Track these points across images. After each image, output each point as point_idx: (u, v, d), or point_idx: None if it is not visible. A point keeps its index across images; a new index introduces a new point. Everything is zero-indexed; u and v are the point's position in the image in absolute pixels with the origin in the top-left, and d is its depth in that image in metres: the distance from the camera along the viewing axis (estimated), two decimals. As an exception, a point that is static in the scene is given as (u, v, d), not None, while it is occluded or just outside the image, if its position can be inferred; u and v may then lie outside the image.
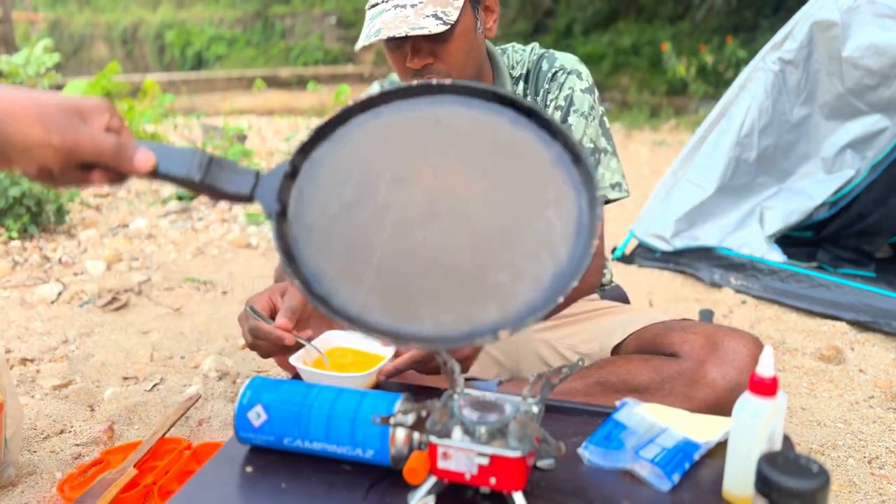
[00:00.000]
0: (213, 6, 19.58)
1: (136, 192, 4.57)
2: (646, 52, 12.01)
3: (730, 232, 2.92)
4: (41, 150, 0.64)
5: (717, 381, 1.14)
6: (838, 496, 1.50)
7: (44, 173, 0.67)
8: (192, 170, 0.75)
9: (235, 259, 3.35)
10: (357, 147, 0.82)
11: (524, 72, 1.38)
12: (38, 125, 0.63)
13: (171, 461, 1.50)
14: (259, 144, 6.25)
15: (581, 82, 1.37)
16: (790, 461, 0.73)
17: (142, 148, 0.71)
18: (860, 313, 2.44)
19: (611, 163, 1.35)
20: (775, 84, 2.75)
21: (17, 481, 1.52)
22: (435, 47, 1.24)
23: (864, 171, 2.72)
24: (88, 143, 0.65)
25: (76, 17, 19.82)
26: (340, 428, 0.90)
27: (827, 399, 1.95)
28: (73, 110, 0.66)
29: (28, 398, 1.91)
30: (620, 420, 0.97)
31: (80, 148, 0.65)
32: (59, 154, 0.64)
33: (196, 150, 0.78)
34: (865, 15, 2.47)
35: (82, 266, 3.12)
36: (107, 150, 0.66)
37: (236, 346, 2.31)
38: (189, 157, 0.77)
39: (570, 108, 1.34)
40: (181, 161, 0.76)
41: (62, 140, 0.64)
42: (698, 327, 1.25)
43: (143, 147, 0.72)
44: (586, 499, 0.85)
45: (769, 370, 0.81)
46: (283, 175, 0.79)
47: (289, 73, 14.98)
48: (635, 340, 1.32)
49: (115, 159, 0.67)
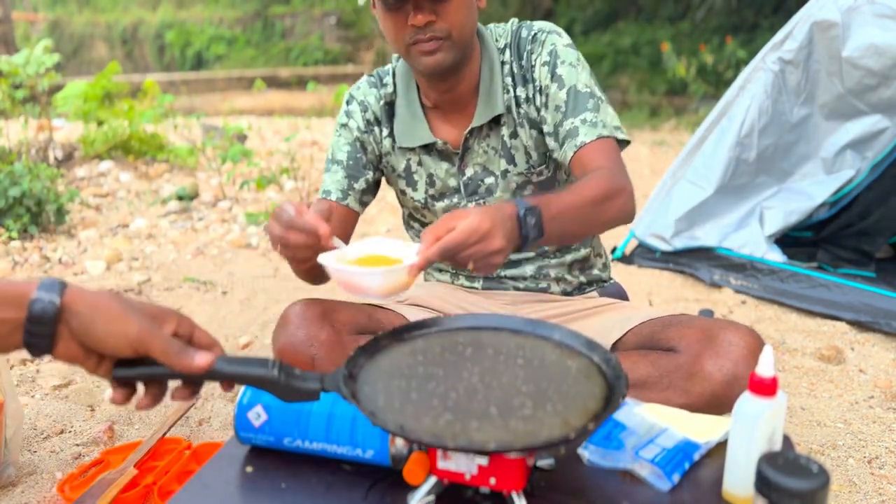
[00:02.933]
0: (213, 6, 19.58)
1: (136, 192, 4.58)
2: (646, 52, 12.02)
3: (730, 232, 2.92)
4: (117, 339, 0.75)
5: (714, 374, 1.15)
6: (838, 496, 1.50)
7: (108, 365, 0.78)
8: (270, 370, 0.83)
9: (235, 259, 3.35)
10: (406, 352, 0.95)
11: (507, 42, 1.41)
12: (121, 318, 0.75)
13: (171, 461, 1.50)
14: (259, 144, 6.25)
15: (562, 39, 1.40)
16: (790, 461, 0.73)
17: (202, 351, 0.80)
18: (860, 313, 2.44)
19: (608, 109, 1.36)
20: (775, 84, 2.75)
21: (17, 481, 1.52)
22: (436, 6, 1.26)
23: (864, 171, 2.72)
24: (158, 340, 0.76)
25: (76, 17, 19.83)
26: (340, 428, 0.90)
27: (827, 399, 1.95)
28: (149, 314, 0.78)
29: (28, 398, 1.91)
30: (620, 420, 0.97)
31: (150, 342, 0.76)
32: (132, 344, 0.75)
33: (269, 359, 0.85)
34: (865, 15, 2.47)
35: (82, 266, 3.12)
36: (172, 348, 0.77)
37: (237, 345, 2.31)
38: (265, 361, 0.84)
39: (557, 60, 1.36)
40: (259, 364, 0.83)
41: (138, 333, 0.75)
42: (695, 322, 1.25)
43: (204, 352, 0.80)
44: (586, 499, 0.85)
45: (769, 370, 0.81)
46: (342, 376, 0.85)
47: (289, 74, 14.98)
48: (634, 336, 1.32)
49: (177, 356, 0.77)
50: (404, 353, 0.95)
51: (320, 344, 1.23)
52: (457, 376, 0.88)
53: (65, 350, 0.75)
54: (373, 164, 1.48)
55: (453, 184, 1.45)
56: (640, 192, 4.15)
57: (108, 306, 0.75)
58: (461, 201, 1.45)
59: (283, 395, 0.82)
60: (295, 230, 1.04)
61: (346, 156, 1.46)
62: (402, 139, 1.44)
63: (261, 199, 4.43)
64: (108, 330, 0.74)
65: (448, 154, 1.43)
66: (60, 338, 0.75)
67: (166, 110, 5.31)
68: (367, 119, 1.46)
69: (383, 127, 1.47)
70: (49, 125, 4.96)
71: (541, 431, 0.77)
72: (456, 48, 1.30)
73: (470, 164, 1.43)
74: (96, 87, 5.27)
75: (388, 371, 0.90)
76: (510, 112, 1.39)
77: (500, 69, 1.39)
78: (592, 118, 1.31)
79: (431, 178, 1.46)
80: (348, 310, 1.32)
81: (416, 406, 0.81)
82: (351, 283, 1.00)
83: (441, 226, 1.00)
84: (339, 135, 1.48)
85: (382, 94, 1.46)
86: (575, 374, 0.89)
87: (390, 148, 1.47)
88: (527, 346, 0.96)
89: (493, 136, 1.41)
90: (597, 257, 1.57)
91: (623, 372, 0.85)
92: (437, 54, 1.29)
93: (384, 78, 1.48)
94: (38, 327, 0.73)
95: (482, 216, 0.99)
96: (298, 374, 0.83)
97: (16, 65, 4.54)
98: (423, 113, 1.43)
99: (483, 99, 1.39)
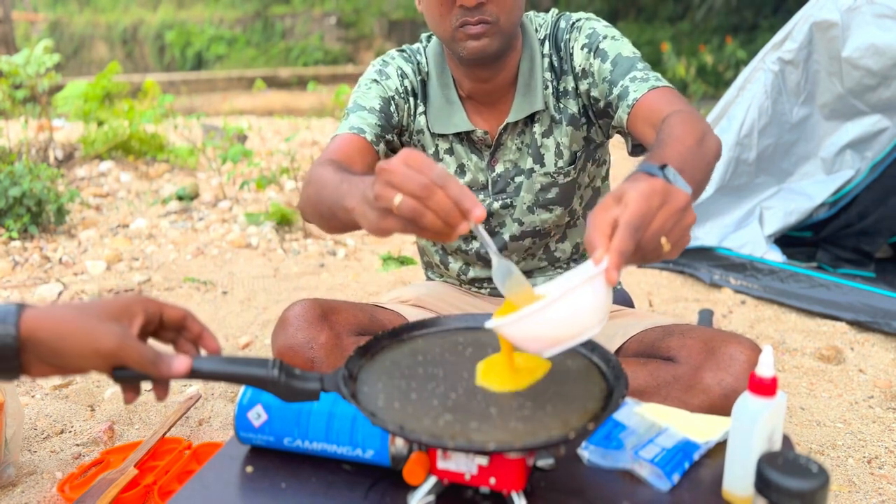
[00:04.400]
0: (213, 6, 19.58)
1: (136, 192, 4.57)
2: (645, 52, 11.86)
3: (729, 232, 2.92)
4: (90, 358, 0.73)
5: (713, 388, 1.12)
6: (838, 496, 1.50)
7: (98, 371, 0.77)
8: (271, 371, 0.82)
9: (235, 259, 3.35)
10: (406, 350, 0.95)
11: (547, 33, 1.36)
12: (86, 336, 0.72)
13: (171, 461, 1.50)
14: (259, 144, 6.25)
15: (600, 22, 1.34)
16: (790, 461, 0.73)
17: (180, 357, 0.78)
18: (860, 313, 2.44)
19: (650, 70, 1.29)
20: (775, 84, 2.75)
21: (17, 481, 1.52)
22: None
23: (864, 171, 2.72)
24: (132, 350, 0.74)
25: (76, 17, 19.83)
26: (340, 428, 0.90)
27: (826, 399, 1.95)
28: (115, 315, 0.76)
29: (28, 398, 1.91)
30: (620, 420, 0.97)
31: (124, 354, 0.74)
32: (106, 360, 0.73)
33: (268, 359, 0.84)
34: (865, 15, 2.47)
35: (82, 266, 3.12)
36: (148, 360, 0.75)
37: (237, 345, 2.31)
38: (264, 361, 0.83)
39: (598, 39, 1.30)
40: (259, 364, 0.82)
41: (109, 348, 0.73)
42: (697, 332, 1.23)
43: (181, 357, 0.79)
44: (586, 499, 0.85)
45: (769, 370, 0.81)
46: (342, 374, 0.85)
47: (289, 74, 14.98)
48: (635, 344, 1.31)
49: (154, 369, 0.76)
50: (404, 354, 0.95)
51: (319, 346, 1.22)
52: (457, 376, 0.88)
53: (39, 373, 0.74)
54: (396, 132, 1.37)
55: (482, 179, 1.39)
56: (640, 193, 4.15)
57: (72, 325, 0.72)
58: (486, 199, 1.40)
59: (283, 395, 0.82)
60: (441, 192, 0.74)
61: (379, 106, 1.34)
62: (435, 124, 1.37)
63: (261, 200, 4.43)
64: (78, 351, 0.72)
65: (482, 146, 1.38)
66: (31, 364, 0.72)
67: (166, 110, 5.30)
68: (405, 86, 1.37)
69: (419, 101, 1.39)
70: (49, 125, 4.95)
71: (540, 431, 0.77)
72: (502, 34, 1.25)
73: (500, 161, 1.38)
74: (96, 87, 5.27)
75: (388, 371, 0.90)
76: (547, 109, 1.35)
77: (540, 62, 1.34)
78: (642, 75, 1.24)
79: (462, 169, 1.40)
80: (348, 311, 1.31)
81: (415, 406, 0.82)
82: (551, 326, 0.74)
83: (602, 216, 0.75)
84: (369, 88, 1.36)
85: (419, 69, 1.39)
86: (574, 375, 0.89)
87: (424, 126, 1.39)
88: None
89: (527, 133, 1.36)
90: None
91: (623, 372, 0.85)
92: (484, 39, 1.22)
93: (417, 55, 1.41)
94: (1, 362, 0.70)
95: (643, 183, 0.76)
96: (298, 374, 0.83)
97: (16, 65, 4.54)
98: (459, 99, 1.37)
99: (521, 93, 1.34)
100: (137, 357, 0.74)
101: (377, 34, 17.37)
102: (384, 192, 0.76)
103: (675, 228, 0.77)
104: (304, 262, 3.35)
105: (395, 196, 0.75)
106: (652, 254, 0.77)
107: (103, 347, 0.72)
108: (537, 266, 1.47)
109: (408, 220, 0.75)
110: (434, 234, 0.76)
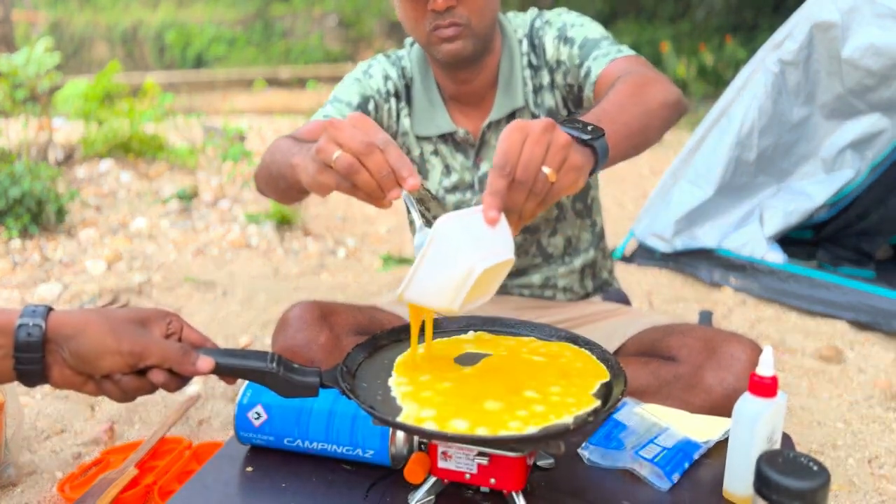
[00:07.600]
0: (213, 6, 19.57)
1: (136, 192, 4.57)
2: (645, 51, 11.91)
3: (730, 232, 2.92)
4: (112, 356, 0.74)
5: (714, 387, 1.13)
6: (838, 496, 1.50)
7: (109, 383, 0.77)
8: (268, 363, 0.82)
9: (235, 259, 3.35)
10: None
11: (525, 33, 1.38)
12: (110, 335, 0.74)
13: (171, 461, 1.50)
14: (259, 145, 6.25)
15: (570, 15, 1.36)
16: (790, 461, 0.73)
17: (203, 356, 0.79)
18: (860, 313, 2.44)
19: (616, 44, 1.30)
20: (775, 84, 2.75)
21: (17, 481, 1.52)
22: None
23: (864, 171, 2.72)
24: (155, 347, 0.75)
25: (76, 17, 19.81)
26: (340, 428, 0.90)
27: (827, 399, 1.95)
28: (137, 320, 0.77)
29: (28, 398, 1.91)
30: (620, 420, 0.97)
31: (146, 352, 0.75)
32: (127, 359, 0.74)
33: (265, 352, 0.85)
34: (865, 15, 2.47)
35: (82, 266, 3.12)
36: (172, 353, 0.76)
37: (237, 346, 2.31)
38: (263, 355, 0.84)
39: (566, 28, 1.32)
40: (257, 357, 0.82)
41: (131, 346, 0.74)
42: (697, 331, 1.24)
43: (205, 354, 0.80)
44: (586, 499, 0.85)
45: (769, 370, 0.81)
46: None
47: (289, 73, 14.97)
48: (635, 344, 1.32)
49: (179, 362, 0.77)
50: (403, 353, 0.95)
51: (319, 347, 1.22)
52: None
53: (60, 376, 0.75)
54: None
55: (468, 178, 1.41)
56: (640, 192, 4.16)
57: (96, 325, 0.74)
58: (474, 198, 1.41)
59: (282, 389, 0.81)
60: (381, 154, 0.77)
61: (357, 102, 1.36)
62: (419, 127, 1.40)
63: (261, 199, 4.43)
64: (100, 348, 0.73)
65: (466, 146, 1.39)
66: (53, 364, 0.74)
67: (166, 110, 5.31)
68: (387, 88, 1.40)
69: (403, 103, 1.41)
70: (49, 125, 4.95)
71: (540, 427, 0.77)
72: (475, 36, 1.26)
73: (485, 159, 1.39)
74: (97, 86, 5.26)
75: (386, 368, 0.90)
76: (527, 105, 1.36)
77: (520, 61, 1.36)
78: (605, 52, 1.25)
79: (448, 169, 1.41)
80: (348, 312, 1.32)
81: None
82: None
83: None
84: (351, 85, 1.39)
85: (403, 73, 1.41)
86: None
87: (408, 128, 1.41)
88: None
89: None
90: (605, 260, 1.56)
91: (622, 370, 0.85)
92: (457, 42, 1.25)
93: (401, 60, 1.43)
94: (27, 354, 0.72)
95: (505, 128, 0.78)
96: (297, 368, 0.83)
97: (16, 65, 4.53)
98: (442, 101, 1.39)
99: (502, 91, 1.35)
100: (161, 352, 0.76)
101: (377, 34, 17.36)
102: (326, 147, 0.79)
103: (552, 155, 0.76)
104: (304, 262, 3.35)
105: (335, 151, 0.78)
106: (539, 185, 0.77)
107: (125, 344, 0.74)
108: (531, 263, 1.47)
109: (343, 175, 0.78)
110: (367, 194, 0.80)
